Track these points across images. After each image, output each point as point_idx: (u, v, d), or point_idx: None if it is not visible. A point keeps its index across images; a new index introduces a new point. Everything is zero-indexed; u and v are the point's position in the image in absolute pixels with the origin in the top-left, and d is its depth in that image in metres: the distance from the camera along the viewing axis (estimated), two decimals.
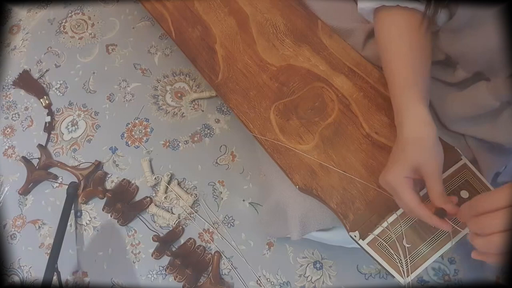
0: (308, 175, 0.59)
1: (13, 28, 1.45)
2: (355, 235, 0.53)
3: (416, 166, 0.44)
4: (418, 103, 0.47)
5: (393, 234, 0.52)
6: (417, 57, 0.50)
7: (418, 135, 0.46)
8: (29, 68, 1.35)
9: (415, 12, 0.50)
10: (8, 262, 1.09)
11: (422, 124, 0.46)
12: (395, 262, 0.50)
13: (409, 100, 0.48)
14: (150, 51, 1.30)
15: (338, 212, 0.56)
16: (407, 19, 0.50)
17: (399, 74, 0.50)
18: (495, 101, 0.47)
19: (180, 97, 1.22)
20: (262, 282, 0.97)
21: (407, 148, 0.46)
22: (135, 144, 1.18)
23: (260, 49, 0.72)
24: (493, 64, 0.44)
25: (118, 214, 1.06)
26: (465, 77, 0.52)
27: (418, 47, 0.50)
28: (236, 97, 0.69)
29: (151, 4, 0.85)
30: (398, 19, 0.51)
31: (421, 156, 0.44)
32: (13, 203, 1.16)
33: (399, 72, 0.50)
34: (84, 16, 1.41)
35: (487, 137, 0.54)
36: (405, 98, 0.49)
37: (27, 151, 1.22)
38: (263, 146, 0.64)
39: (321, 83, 0.66)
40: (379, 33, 0.54)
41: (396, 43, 0.51)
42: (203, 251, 1.01)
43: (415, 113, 0.47)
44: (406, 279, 0.49)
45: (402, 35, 0.50)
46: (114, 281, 1.03)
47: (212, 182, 1.09)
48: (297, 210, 0.62)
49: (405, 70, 0.50)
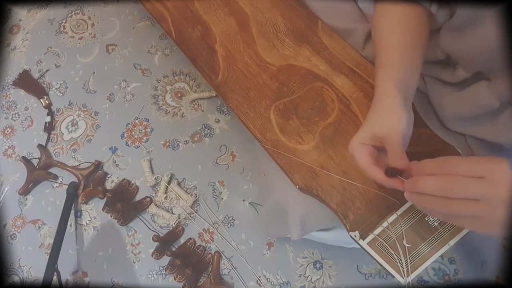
0: (308, 175, 0.59)
1: (13, 28, 1.45)
2: (355, 235, 0.53)
3: (375, 133, 0.47)
4: (392, 81, 0.49)
5: (393, 234, 0.52)
6: (409, 39, 0.51)
7: (379, 107, 0.49)
8: (29, 68, 1.35)
9: (415, 5, 0.50)
10: (8, 262, 1.09)
11: (384, 97, 0.49)
12: (395, 262, 0.50)
13: (385, 76, 0.50)
14: (150, 51, 1.30)
15: (338, 212, 0.56)
16: (406, 9, 0.51)
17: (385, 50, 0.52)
18: (496, 101, 0.47)
19: (180, 97, 1.22)
20: (262, 282, 0.97)
21: (369, 116, 0.49)
22: (135, 144, 1.18)
23: (260, 49, 0.72)
24: (493, 64, 0.44)
25: (118, 214, 1.06)
26: (465, 76, 0.52)
27: (411, 31, 0.51)
28: (236, 97, 0.69)
29: (151, 4, 0.85)
30: (396, 8, 0.52)
31: (380, 124, 0.47)
32: (13, 203, 1.16)
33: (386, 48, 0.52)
34: (84, 16, 1.41)
35: (487, 137, 0.54)
36: (382, 75, 0.50)
37: (27, 151, 1.22)
38: (263, 146, 0.64)
39: (321, 83, 0.66)
40: (375, 18, 0.55)
41: (390, 24, 0.52)
42: (203, 251, 1.01)
43: (385, 87, 0.49)
44: (406, 279, 0.49)
45: (398, 19, 0.52)
46: (114, 281, 1.03)
47: (212, 182, 1.09)
48: (297, 210, 0.62)
49: (392, 48, 0.51)
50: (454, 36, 0.48)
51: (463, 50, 0.47)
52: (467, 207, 0.35)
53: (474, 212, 0.35)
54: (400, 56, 0.50)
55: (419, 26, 0.51)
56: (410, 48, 0.51)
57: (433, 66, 0.57)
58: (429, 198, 0.38)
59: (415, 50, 0.51)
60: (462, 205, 0.36)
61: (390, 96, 0.48)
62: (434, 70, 0.57)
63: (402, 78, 0.49)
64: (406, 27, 0.51)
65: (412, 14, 0.51)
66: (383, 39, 0.53)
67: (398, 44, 0.51)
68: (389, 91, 0.48)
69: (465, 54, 0.48)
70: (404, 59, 0.50)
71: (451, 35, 0.49)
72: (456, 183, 0.36)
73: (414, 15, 0.51)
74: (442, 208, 0.37)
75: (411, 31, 0.51)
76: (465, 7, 0.43)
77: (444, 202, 0.37)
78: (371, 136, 0.47)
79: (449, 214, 0.38)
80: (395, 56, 0.50)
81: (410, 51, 0.51)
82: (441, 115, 0.59)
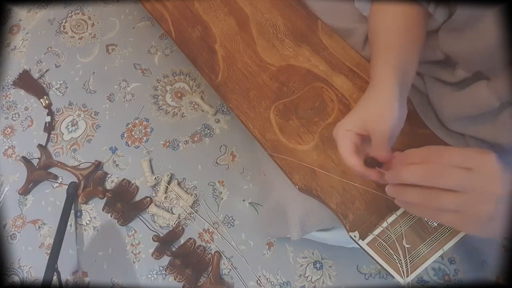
0: (308, 175, 0.59)
1: (13, 28, 1.45)
2: (355, 235, 0.53)
3: (362, 121, 0.46)
4: (390, 71, 0.48)
5: (393, 234, 0.52)
6: (404, 38, 0.50)
7: (373, 95, 0.48)
8: (29, 68, 1.35)
9: (413, 5, 0.50)
10: (8, 262, 1.10)
11: (379, 87, 0.48)
12: (395, 262, 0.50)
13: (384, 65, 0.49)
14: (150, 51, 1.30)
15: (338, 212, 0.56)
16: (403, 9, 0.51)
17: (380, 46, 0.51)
18: (495, 101, 0.47)
19: (180, 97, 1.22)
20: (262, 282, 0.97)
21: (359, 103, 0.48)
22: (135, 144, 1.18)
23: (260, 49, 0.72)
24: (493, 64, 0.44)
25: (118, 214, 1.06)
26: (465, 76, 0.51)
27: (408, 30, 0.50)
28: (236, 97, 0.69)
29: (151, 4, 0.85)
30: (393, 8, 0.51)
31: (370, 112, 0.46)
32: (13, 203, 1.16)
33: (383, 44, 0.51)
34: (84, 16, 1.41)
35: (487, 137, 0.54)
36: (380, 64, 0.49)
37: (27, 151, 1.22)
38: (263, 146, 0.64)
39: (321, 83, 0.66)
40: (372, 14, 0.54)
41: (387, 24, 0.52)
42: (203, 251, 1.01)
43: (382, 76, 0.48)
44: (406, 279, 0.49)
45: (394, 19, 0.51)
46: (114, 281, 1.03)
47: (212, 182, 1.09)
48: (297, 210, 0.62)
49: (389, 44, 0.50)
50: (453, 36, 0.48)
51: (462, 50, 0.47)
52: (450, 198, 0.34)
53: (458, 204, 0.34)
54: (397, 52, 0.50)
55: (416, 26, 0.51)
56: (405, 46, 0.50)
57: (433, 66, 0.57)
58: (411, 191, 0.37)
59: (411, 48, 0.50)
60: (445, 196, 0.34)
61: (386, 86, 0.47)
62: (434, 70, 0.57)
63: (400, 71, 0.48)
64: (402, 27, 0.50)
65: (409, 14, 0.50)
66: (380, 38, 0.52)
67: (394, 42, 0.50)
68: (386, 81, 0.47)
69: (464, 54, 0.48)
70: (400, 56, 0.50)
71: (450, 35, 0.49)
72: (441, 171, 0.34)
73: (412, 14, 0.50)
74: (424, 201, 0.36)
75: (407, 30, 0.50)
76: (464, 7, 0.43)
77: (427, 193, 0.35)
78: (358, 124, 0.46)
79: (430, 209, 0.36)
80: (393, 51, 0.50)
81: (406, 48, 0.50)
82: (440, 115, 0.59)
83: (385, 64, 0.49)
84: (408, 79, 0.50)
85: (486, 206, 0.33)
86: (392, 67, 0.48)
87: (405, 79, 0.49)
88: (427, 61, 0.56)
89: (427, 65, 0.57)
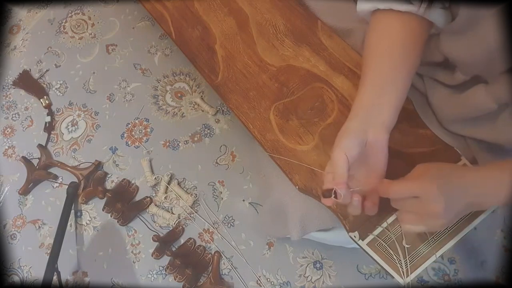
0: (308, 175, 0.59)
1: (13, 28, 1.45)
2: (355, 235, 0.53)
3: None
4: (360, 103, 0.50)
5: (393, 235, 0.52)
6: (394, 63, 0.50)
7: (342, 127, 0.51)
8: (29, 68, 1.35)
9: (411, 16, 0.49)
10: (8, 262, 1.10)
11: (348, 119, 0.51)
12: (395, 263, 0.51)
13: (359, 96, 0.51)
14: (150, 51, 1.30)
15: (337, 213, 0.56)
16: (402, 24, 0.50)
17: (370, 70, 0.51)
18: (493, 104, 0.47)
19: (180, 97, 1.22)
20: (262, 282, 0.97)
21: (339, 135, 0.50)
22: (135, 144, 1.18)
23: (260, 50, 0.72)
24: (491, 67, 0.44)
25: (118, 214, 1.06)
26: (464, 79, 0.52)
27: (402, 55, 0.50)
28: (236, 98, 0.69)
29: (151, 4, 0.85)
30: (393, 23, 0.51)
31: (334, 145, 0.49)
32: (13, 203, 1.16)
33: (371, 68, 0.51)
34: (84, 16, 1.41)
35: (486, 138, 0.54)
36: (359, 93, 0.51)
37: (27, 151, 1.22)
38: (263, 146, 0.64)
39: (321, 84, 0.66)
40: (369, 32, 0.54)
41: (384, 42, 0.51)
42: (203, 251, 1.01)
43: (353, 110, 0.51)
44: (406, 280, 0.50)
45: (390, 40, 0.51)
46: (114, 281, 1.03)
47: (212, 182, 1.09)
48: (297, 210, 0.62)
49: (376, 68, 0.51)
50: (454, 39, 0.47)
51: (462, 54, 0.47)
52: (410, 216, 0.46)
53: (415, 220, 0.45)
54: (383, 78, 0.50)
55: (412, 46, 0.50)
56: (395, 70, 0.50)
57: (432, 67, 0.57)
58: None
59: (402, 72, 0.50)
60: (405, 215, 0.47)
61: (349, 119, 0.50)
62: (434, 72, 0.57)
63: (374, 102, 0.49)
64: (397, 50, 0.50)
65: (408, 32, 0.50)
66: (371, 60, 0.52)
67: (382, 67, 0.51)
68: (352, 113, 0.50)
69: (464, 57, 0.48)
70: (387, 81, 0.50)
71: (451, 38, 0.48)
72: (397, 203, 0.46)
73: (410, 32, 0.50)
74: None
75: (401, 55, 0.50)
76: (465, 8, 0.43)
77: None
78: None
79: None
80: (377, 78, 0.50)
81: (395, 72, 0.50)
82: (440, 116, 0.59)
83: (361, 96, 0.51)
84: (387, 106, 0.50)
85: (435, 221, 0.43)
86: (367, 100, 0.50)
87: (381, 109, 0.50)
88: (427, 63, 0.56)
89: (427, 66, 0.58)
